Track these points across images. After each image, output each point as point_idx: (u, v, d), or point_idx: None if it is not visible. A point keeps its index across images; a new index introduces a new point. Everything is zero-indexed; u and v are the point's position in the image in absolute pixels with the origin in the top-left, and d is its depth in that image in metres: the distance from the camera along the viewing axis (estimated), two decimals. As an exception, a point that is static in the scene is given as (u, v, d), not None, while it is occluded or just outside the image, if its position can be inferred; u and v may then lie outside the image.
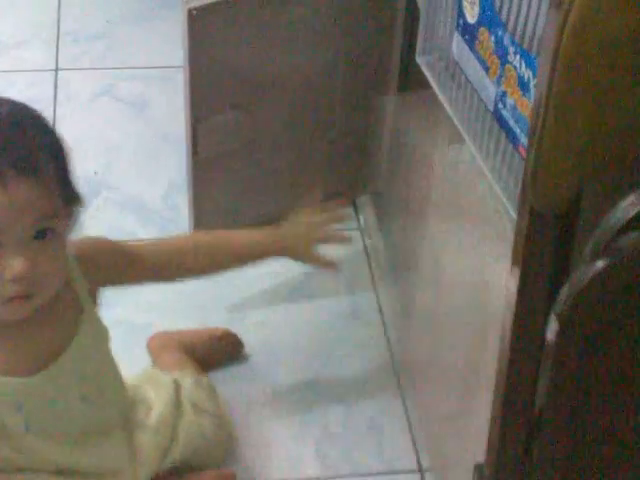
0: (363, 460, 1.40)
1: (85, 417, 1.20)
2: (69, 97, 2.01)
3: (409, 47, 1.49)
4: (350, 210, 1.78)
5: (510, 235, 0.98)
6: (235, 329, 1.55)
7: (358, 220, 1.77)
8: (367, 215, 1.73)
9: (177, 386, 1.35)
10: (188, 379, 1.38)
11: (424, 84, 1.18)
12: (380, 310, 1.62)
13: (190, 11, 1.31)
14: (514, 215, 0.96)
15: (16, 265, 1.03)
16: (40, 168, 1.05)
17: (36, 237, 1.04)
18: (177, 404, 1.32)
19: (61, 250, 1.09)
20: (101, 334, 1.20)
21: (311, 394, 1.49)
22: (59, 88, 2.04)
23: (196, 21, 1.33)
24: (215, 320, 1.57)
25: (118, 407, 1.26)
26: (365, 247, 1.73)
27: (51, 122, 1.11)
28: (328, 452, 1.41)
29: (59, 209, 1.07)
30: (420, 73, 1.16)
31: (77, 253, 1.16)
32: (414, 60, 1.18)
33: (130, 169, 1.86)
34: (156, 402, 1.32)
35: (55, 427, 1.19)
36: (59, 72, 2.09)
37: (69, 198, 1.10)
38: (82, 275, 1.16)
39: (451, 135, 1.16)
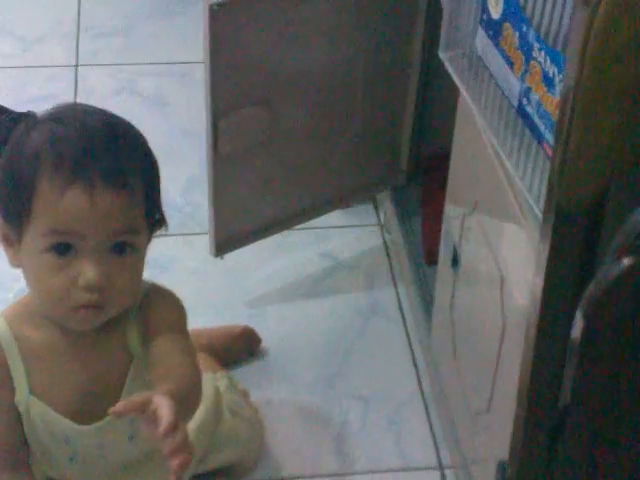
0: (382, 456, 1.40)
1: (131, 452, 1.19)
2: (89, 93, 2.01)
3: (430, 42, 1.50)
4: (370, 206, 1.78)
5: (532, 231, 0.98)
6: (254, 324, 1.55)
7: (378, 215, 1.77)
8: (387, 210, 1.72)
9: (217, 392, 1.34)
10: (223, 382, 1.37)
11: (446, 80, 1.17)
12: (400, 306, 1.62)
13: (211, 7, 1.31)
14: (537, 211, 0.95)
15: (90, 273, 1.03)
16: (128, 183, 1.05)
17: (115, 250, 1.05)
18: (217, 411, 1.31)
19: (138, 268, 1.08)
20: (146, 381, 1.12)
21: (330, 390, 1.49)
22: (79, 84, 2.05)
23: (217, 16, 1.32)
24: (234, 315, 1.58)
25: None
26: (385, 242, 1.73)
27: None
28: (347, 448, 1.41)
29: (141, 226, 1.07)
30: (442, 68, 1.16)
31: (146, 292, 1.13)
32: (436, 55, 1.18)
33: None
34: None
35: (100, 461, 1.18)
36: (79, 68, 2.10)
37: (153, 218, 1.10)
38: (138, 317, 1.13)
39: (473, 131, 1.15)
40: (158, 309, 1.13)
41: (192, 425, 1.26)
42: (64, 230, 1.03)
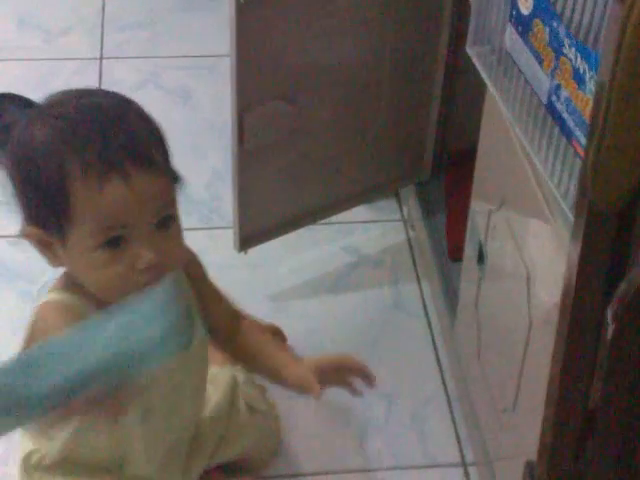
0: (406, 453, 1.40)
1: (186, 411, 1.21)
2: (113, 86, 1.99)
3: (457, 37, 1.49)
4: (394, 201, 1.77)
5: (560, 228, 0.97)
6: (278, 319, 1.55)
7: (402, 211, 1.76)
8: (411, 206, 1.72)
9: (234, 383, 1.34)
10: (241, 376, 1.37)
11: (472, 75, 1.16)
12: (423, 301, 1.61)
13: (238, 0, 1.31)
14: (566, 209, 0.94)
15: (147, 256, 1.04)
16: (154, 158, 1.06)
17: (161, 226, 1.06)
18: (232, 401, 1.32)
19: (181, 233, 1.11)
20: (205, 331, 1.20)
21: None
22: (104, 77, 2.05)
23: (244, 10, 1.32)
24: (258, 310, 1.57)
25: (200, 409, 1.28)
26: (408, 238, 1.72)
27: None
28: (371, 445, 1.41)
29: (173, 194, 1.09)
30: (468, 64, 1.15)
31: None
32: (462, 50, 1.17)
33: (173, 158, 1.85)
34: (213, 396, 1.32)
35: (166, 422, 1.20)
36: (104, 61, 2.10)
37: (175, 181, 1.11)
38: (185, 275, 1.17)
39: (500, 127, 1.15)
40: (192, 264, 1.20)
41: (206, 414, 1.28)
42: (111, 225, 1.03)
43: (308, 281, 1.65)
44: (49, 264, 1.10)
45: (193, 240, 1.68)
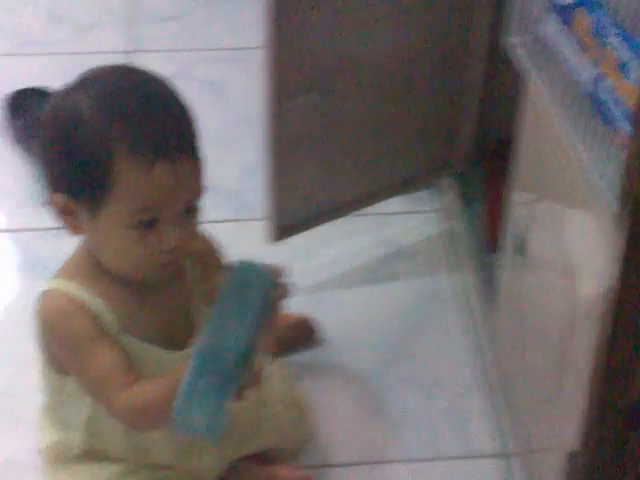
0: (445, 444, 1.40)
1: None
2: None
3: (496, 26, 1.47)
4: (431, 192, 1.77)
5: (604, 219, 0.96)
6: (312, 311, 1.54)
7: (439, 202, 1.75)
8: (448, 197, 1.71)
9: (264, 373, 1.34)
10: (272, 366, 1.37)
11: (510, 65, 1.16)
12: (461, 292, 1.61)
13: (273, -8, 1.31)
14: (610, 199, 0.94)
15: (174, 238, 1.07)
16: (197, 148, 1.09)
17: (187, 214, 1.09)
18: (262, 391, 1.31)
19: (198, 221, 1.13)
20: None
21: (391, 377, 1.48)
22: (135, 70, 2.05)
23: (279, 2, 1.32)
24: (292, 302, 1.57)
25: None
26: (446, 229, 1.71)
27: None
28: (409, 435, 1.41)
29: (204, 185, 1.11)
30: (505, 54, 1.14)
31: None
32: (500, 40, 1.16)
33: (205, 150, 1.85)
34: None
35: None
36: (134, 54, 2.10)
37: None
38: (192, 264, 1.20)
39: (540, 117, 1.14)
40: (207, 251, 1.23)
41: (235, 405, 1.28)
42: (151, 207, 1.05)
43: (344, 272, 1.65)
44: (68, 232, 1.12)
45: (224, 232, 1.69)
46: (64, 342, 1.13)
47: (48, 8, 2.24)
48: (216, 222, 1.72)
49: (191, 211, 1.10)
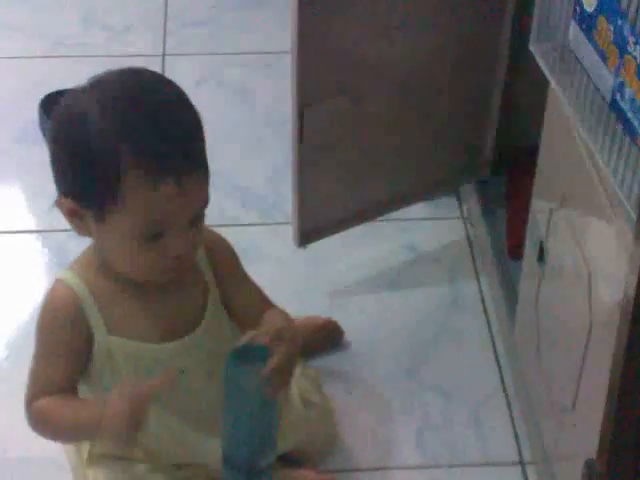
0: (464, 451, 1.40)
1: (208, 395, 1.21)
2: (175, 82, 2.03)
3: (519, 33, 1.47)
4: (454, 198, 1.77)
5: (623, 227, 0.96)
6: (336, 315, 1.55)
7: (461, 208, 1.76)
8: (471, 203, 1.71)
9: None
10: (296, 368, 1.37)
11: (534, 72, 1.16)
12: (483, 299, 1.60)
13: (300, -3, 1.32)
14: (629, 208, 0.93)
15: (180, 246, 1.09)
16: (202, 156, 1.10)
17: (192, 223, 1.10)
18: (285, 394, 1.31)
19: (202, 228, 1.15)
20: (223, 315, 1.24)
21: (412, 383, 1.49)
22: (166, 73, 2.05)
23: (306, 6, 1.33)
24: (316, 306, 1.58)
25: None
26: (468, 236, 1.71)
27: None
28: (428, 442, 1.41)
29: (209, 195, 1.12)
30: (530, 60, 1.15)
31: (205, 240, 1.20)
32: (524, 47, 1.16)
33: (234, 154, 1.87)
34: None
35: (179, 401, 1.20)
36: (166, 57, 2.12)
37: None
38: (207, 260, 1.21)
39: (563, 124, 1.14)
40: (219, 249, 1.24)
41: None
42: (158, 221, 1.07)
43: (367, 277, 1.65)
44: (77, 233, 1.13)
45: (253, 235, 1.71)
46: (38, 325, 1.16)
47: (83, 11, 2.26)
48: (245, 225, 1.75)
49: (196, 219, 1.11)
